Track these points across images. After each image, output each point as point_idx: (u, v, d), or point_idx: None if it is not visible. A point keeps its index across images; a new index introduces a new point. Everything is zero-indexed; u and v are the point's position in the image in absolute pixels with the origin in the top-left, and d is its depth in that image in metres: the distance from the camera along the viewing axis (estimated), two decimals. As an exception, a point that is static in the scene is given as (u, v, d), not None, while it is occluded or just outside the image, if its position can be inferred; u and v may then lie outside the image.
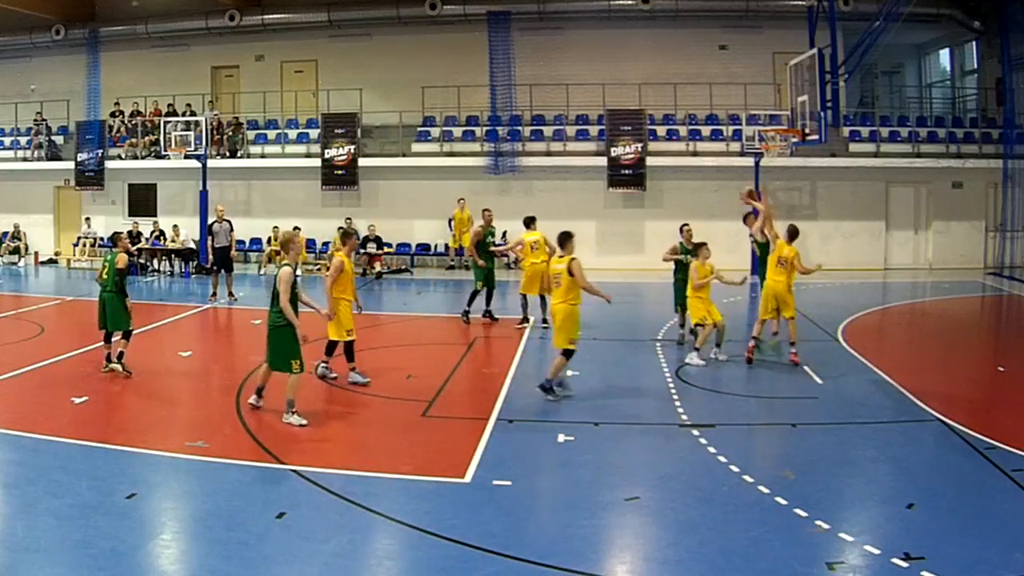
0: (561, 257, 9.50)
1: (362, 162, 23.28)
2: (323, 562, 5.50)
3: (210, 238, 17.25)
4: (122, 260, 10.45)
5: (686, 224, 12.79)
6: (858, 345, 12.29)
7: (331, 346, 10.17)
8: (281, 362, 8.41)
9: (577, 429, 8.37)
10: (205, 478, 7.01)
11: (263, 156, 24.43)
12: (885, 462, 7.55)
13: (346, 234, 10.48)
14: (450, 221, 22.15)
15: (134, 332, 10.73)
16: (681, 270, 12.06)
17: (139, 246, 22.64)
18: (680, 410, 9.02)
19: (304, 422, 8.26)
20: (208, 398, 10.08)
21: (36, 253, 24.81)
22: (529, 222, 13.66)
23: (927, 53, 26.47)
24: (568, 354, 9.41)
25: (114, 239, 11.58)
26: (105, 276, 10.49)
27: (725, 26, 23.49)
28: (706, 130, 23.10)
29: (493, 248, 14.48)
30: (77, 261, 23.76)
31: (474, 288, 14.12)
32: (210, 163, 22.61)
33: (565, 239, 9.59)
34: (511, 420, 8.58)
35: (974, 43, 24.23)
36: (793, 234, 11.16)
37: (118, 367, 10.31)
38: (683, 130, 23.09)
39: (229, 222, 17.07)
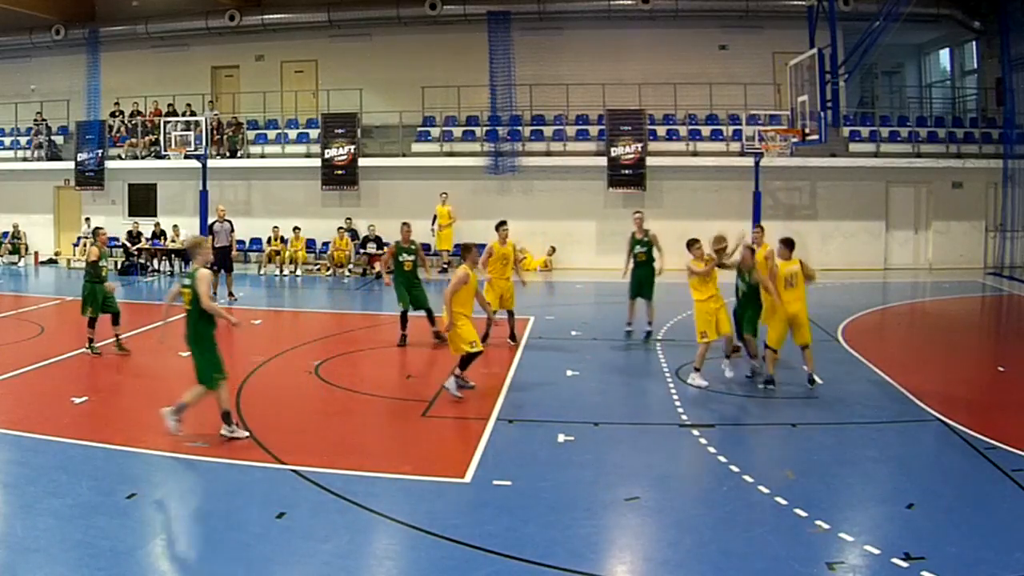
0: (789, 260, 9.71)
1: (362, 162, 23.28)
2: (323, 562, 5.50)
3: (211, 238, 17.25)
4: (92, 253, 11.64)
5: (637, 211, 13.40)
6: (858, 345, 12.29)
7: (465, 359, 9.41)
8: (206, 376, 7.90)
9: (577, 429, 8.37)
10: (205, 478, 7.01)
11: (263, 156, 24.42)
12: (885, 462, 7.55)
13: (466, 248, 9.67)
14: (434, 218, 22.12)
15: (136, 331, 11.01)
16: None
17: (139, 246, 22.70)
18: (680, 410, 9.02)
19: (245, 434, 7.92)
20: (208, 398, 10.06)
21: (36, 253, 24.82)
22: (496, 227, 12.49)
23: (927, 53, 26.47)
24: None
25: (95, 234, 12.46)
26: None
27: (725, 26, 23.49)
28: (706, 130, 23.09)
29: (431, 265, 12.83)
30: (77, 261, 23.75)
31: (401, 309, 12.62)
32: (210, 163, 22.62)
33: (788, 243, 9.82)
34: (511, 420, 8.58)
35: (974, 43, 24.22)
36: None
37: (88, 350, 11.41)
38: (683, 130, 23.08)
39: (230, 222, 17.10)
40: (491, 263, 12.23)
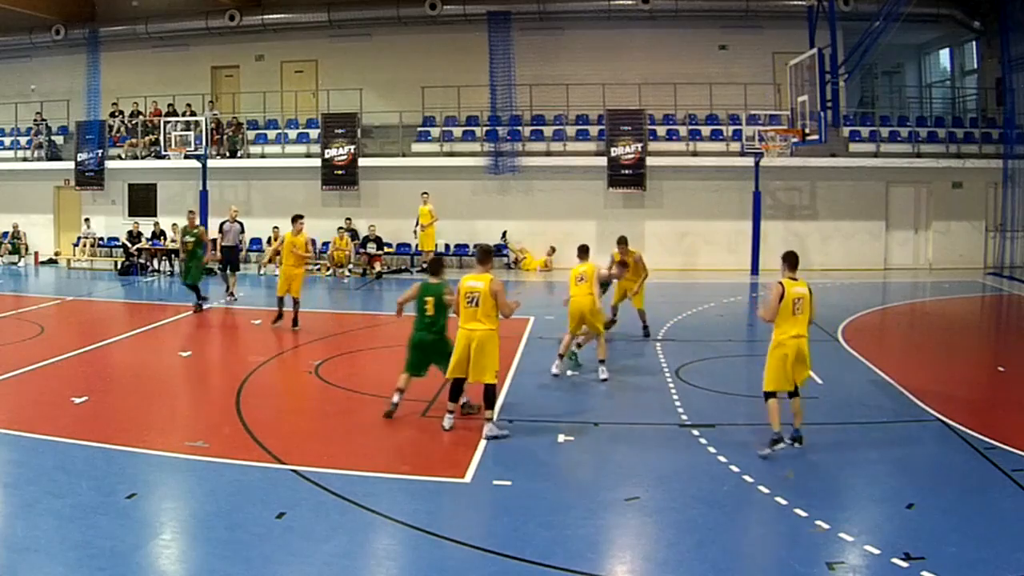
0: (795, 280, 7.73)
1: (362, 162, 23.27)
2: (323, 562, 5.50)
3: (219, 236, 17.32)
4: None
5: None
6: (858, 345, 12.29)
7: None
8: None
9: (577, 429, 8.37)
10: (205, 478, 7.01)
11: (263, 156, 24.41)
12: (885, 462, 7.55)
13: (485, 251, 8.62)
14: (418, 220, 22.07)
15: (136, 331, 10.87)
16: None
17: (139, 246, 22.70)
18: (680, 410, 9.02)
19: None
20: (208, 398, 10.08)
21: (36, 253, 24.81)
22: (292, 220, 13.89)
23: (927, 53, 26.47)
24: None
25: None
26: None
27: (725, 26, 23.48)
28: (706, 130, 23.09)
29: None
30: (77, 261, 23.77)
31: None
32: (210, 163, 22.64)
33: (790, 259, 7.90)
34: (511, 420, 8.58)
35: (974, 43, 24.23)
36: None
37: None
38: (683, 130, 23.08)
39: (240, 223, 17.24)
40: (284, 252, 13.59)
